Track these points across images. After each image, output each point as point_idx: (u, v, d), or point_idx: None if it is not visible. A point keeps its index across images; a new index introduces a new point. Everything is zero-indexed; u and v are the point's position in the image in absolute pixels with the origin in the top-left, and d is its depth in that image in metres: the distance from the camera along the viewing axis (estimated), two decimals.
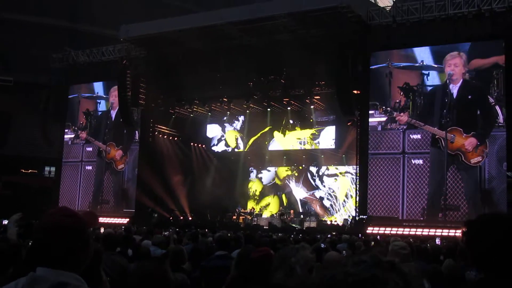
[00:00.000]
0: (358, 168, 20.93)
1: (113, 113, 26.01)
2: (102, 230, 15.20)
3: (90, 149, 26.55)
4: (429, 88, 19.23)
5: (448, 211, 18.06)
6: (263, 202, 29.42)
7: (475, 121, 18.04)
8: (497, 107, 17.68)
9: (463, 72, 18.53)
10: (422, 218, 18.63)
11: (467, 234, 2.15)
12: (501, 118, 17.58)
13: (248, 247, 5.00)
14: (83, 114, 26.89)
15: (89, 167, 26.46)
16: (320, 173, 28.01)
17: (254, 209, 27.53)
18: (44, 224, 2.04)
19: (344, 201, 26.90)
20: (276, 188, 29.42)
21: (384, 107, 19.67)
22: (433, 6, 18.74)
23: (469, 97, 18.39)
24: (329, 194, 27.49)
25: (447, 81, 18.71)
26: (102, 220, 23.96)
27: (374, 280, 1.14)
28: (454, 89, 18.62)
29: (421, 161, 18.97)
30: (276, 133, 28.81)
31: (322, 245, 8.55)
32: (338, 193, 27.15)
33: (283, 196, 29.11)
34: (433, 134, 18.77)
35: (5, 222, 16.29)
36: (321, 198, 27.69)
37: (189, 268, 6.17)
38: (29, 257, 2.17)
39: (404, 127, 19.38)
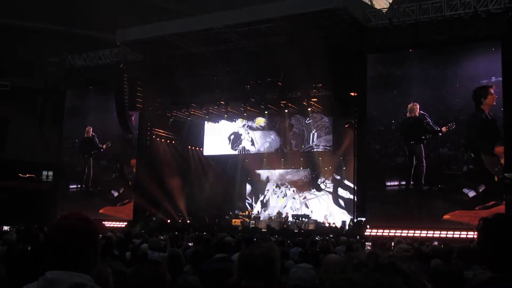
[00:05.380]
0: (356, 170, 20.90)
1: None
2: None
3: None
4: None
5: None
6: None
7: None
8: None
9: None
10: None
11: (482, 231, 2.10)
12: None
13: (249, 249, 4.96)
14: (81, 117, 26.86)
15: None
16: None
17: (251, 211, 27.49)
18: (59, 226, 2.06)
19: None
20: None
21: None
22: (429, 8, 18.73)
23: None
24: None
25: None
26: None
27: (379, 287, 1.09)
28: None
29: None
30: None
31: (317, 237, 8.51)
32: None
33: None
34: None
35: (6, 228, 16.22)
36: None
37: (190, 270, 6.14)
38: (42, 258, 2.18)
39: None
